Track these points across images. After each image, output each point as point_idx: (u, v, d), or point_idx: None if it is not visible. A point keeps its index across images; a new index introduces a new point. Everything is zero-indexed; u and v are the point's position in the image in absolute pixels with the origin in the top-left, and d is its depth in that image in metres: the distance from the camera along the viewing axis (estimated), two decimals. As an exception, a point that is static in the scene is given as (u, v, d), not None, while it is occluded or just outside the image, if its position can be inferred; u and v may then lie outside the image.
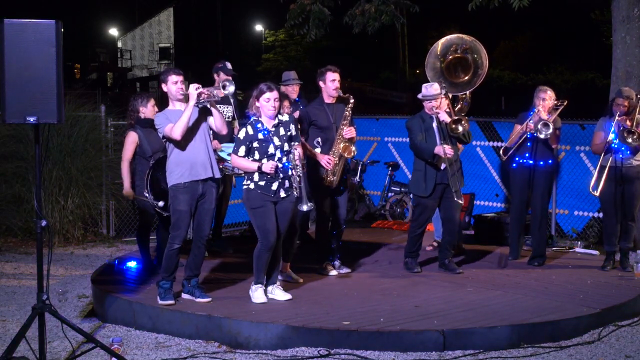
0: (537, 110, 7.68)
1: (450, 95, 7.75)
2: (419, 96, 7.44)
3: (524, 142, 7.78)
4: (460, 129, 7.25)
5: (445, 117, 7.31)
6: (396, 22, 11.03)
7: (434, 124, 7.35)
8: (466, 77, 7.74)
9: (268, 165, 6.13)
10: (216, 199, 6.88)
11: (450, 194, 7.36)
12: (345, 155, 7.17)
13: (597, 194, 7.57)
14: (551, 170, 7.96)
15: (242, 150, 6.24)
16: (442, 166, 7.31)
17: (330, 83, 7.22)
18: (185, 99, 6.19)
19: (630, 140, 7.34)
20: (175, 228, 6.22)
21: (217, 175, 6.33)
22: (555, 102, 7.75)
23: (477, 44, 7.76)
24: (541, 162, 7.77)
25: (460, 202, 7.33)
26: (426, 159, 7.33)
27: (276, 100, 6.20)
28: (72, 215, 9.81)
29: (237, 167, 6.59)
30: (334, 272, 7.36)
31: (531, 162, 7.78)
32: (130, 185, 7.25)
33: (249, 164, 6.21)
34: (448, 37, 7.99)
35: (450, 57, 7.80)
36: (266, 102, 6.19)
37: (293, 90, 8.51)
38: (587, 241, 9.08)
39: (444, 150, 7.22)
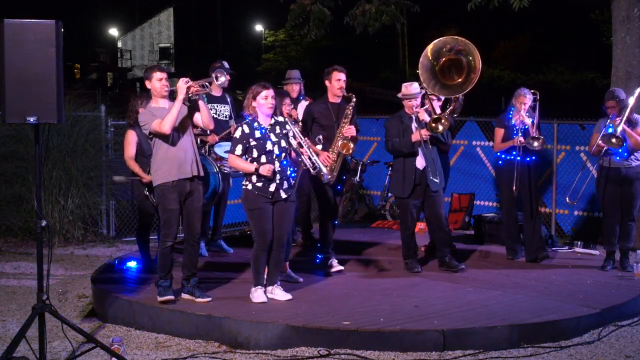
0: (517, 112, 7.84)
1: (438, 97, 7.75)
2: (399, 95, 7.44)
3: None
4: (441, 127, 7.20)
5: (425, 117, 7.29)
6: (396, 23, 11.04)
7: (413, 125, 7.34)
8: (459, 79, 7.71)
9: (265, 168, 6.10)
10: (215, 197, 6.87)
11: (431, 192, 7.35)
12: (344, 152, 7.17)
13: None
14: (536, 165, 8.10)
15: (238, 149, 6.22)
16: (421, 166, 7.29)
17: (336, 82, 7.30)
18: (171, 95, 6.19)
19: (614, 140, 7.38)
20: (166, 227, 6.22)
21: (202, 173, 6.33)
22: (532, 95, 7.92)
23: (471, 46, 7.74)
24: (527, 159, 7.91)
25: (436, 180, 7.28)
26: (405, 153, 7.32)
27: (272, 97, 6.20)
28: (72, 215, 9.80)
29: (233, 167, 6.59)
30: (337, 268, 7.38)
31: (518, 158, 7.89)
32: (146, 174, 6.88)
33: (247, 165, 6.19)
34: (441, 38, 7.98)
35: (444, 58, 7.77)
36: (264, 100, 6.18)
37: (292, 89, 8.58)
38: (587, 241, 9.07)
39: (420, 133, 7.21)
